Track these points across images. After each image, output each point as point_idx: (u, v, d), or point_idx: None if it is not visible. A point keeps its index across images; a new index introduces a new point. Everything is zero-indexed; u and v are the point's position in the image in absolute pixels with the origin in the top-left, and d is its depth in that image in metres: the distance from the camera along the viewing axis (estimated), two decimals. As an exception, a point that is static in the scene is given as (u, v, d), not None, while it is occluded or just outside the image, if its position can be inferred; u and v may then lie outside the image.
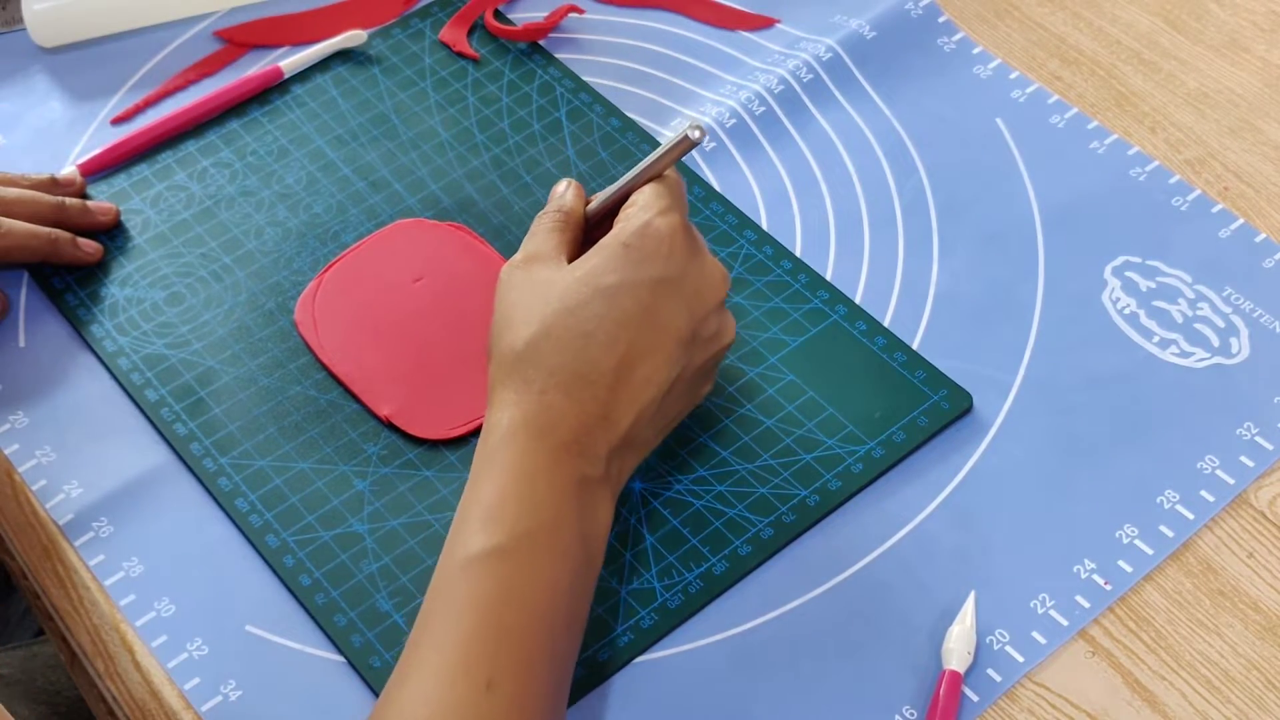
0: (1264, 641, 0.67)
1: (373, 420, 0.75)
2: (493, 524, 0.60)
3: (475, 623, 0.59)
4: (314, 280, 0.79)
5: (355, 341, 0.77)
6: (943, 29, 0.90)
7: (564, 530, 0.61)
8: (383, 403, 0.75)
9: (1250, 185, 0.82)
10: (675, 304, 0.65)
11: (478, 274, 0.79)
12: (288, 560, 0.70)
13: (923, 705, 0.65)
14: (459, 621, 0.59)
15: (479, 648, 0.58)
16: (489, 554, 0.60)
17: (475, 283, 0.79)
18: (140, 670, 0.68)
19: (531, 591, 0.60)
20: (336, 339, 0.77)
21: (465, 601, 0.59)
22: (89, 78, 0.91)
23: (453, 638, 0.58)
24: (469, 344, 0.76)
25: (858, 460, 0.72)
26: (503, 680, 0.58)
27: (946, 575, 0.69)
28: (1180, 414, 0.74)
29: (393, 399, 0.75)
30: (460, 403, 0.74)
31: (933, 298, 0.78)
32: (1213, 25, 0.90)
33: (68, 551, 0.72)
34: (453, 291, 0.78)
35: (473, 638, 0.58)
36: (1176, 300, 0.78)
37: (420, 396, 0.75)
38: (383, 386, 0.75)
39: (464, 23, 0.92)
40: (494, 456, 0.62)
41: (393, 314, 0.78)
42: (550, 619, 0.60)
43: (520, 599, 0.59)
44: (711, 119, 0.86)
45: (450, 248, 0.80)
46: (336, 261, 0.80)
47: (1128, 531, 0.70)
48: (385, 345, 0.77)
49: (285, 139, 0.87)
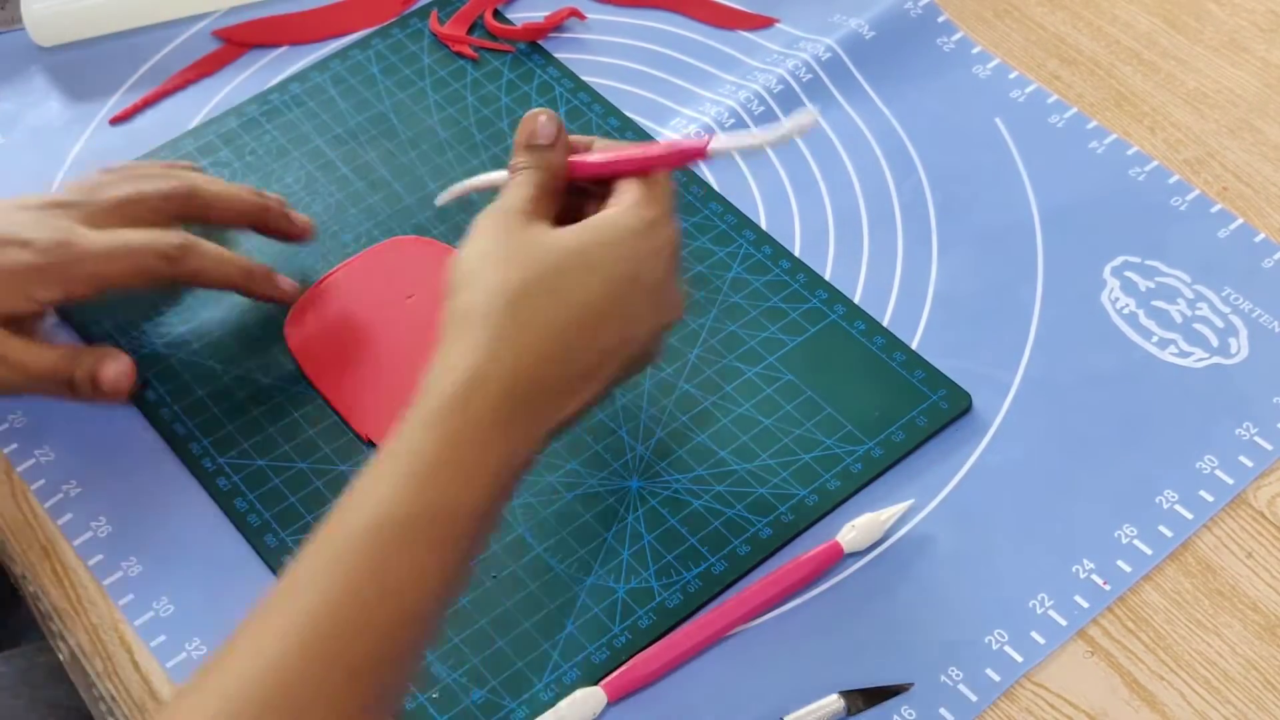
0: (1263, 641, 0.67)
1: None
2: (415, 490, 0.56)
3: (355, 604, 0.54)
4: (304, 295, 0.78)
5: (344, 359, 0.76)
6: (942, 29, 0.90)
7: (486, 515, 0.58)
8: (367, 421, 0.74)
9: (1249, 185, 0.82)
10: (649, 312, 0.64)
11: None
12: (286, 560, 0.70)
13: (922, 706, 0.65)
14: (341, 594, 0.54)
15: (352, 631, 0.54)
16: (401, 523, 0.55)
17: None
18: (139, 670, 0.68)
19: (425, 580, 0.55)
20: (325, 356, 0.76)
21: (351, 575, 0.54)
22: (88, 77, 0.91)
23: (326, 608, 0.54)
24: None
25: (856, 460, 0.72)
26: (367, 671, 0.54)
27: (945, 575, 0.69)
28: (1179, 414, 0.74)
29: (378, 418, 0.74)
30: None
31: (931, 297, 0.78)
32: (1212, 25, 0.90)
33: (66, 551, 0.72)
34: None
35: (348, 618, 0.54)
36: (1175, 300, 0.78)
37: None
38: (370, 404, 0.75)
39: (463, 22, 0.92)
40: (443, 410, 0.57)
41: (383, 332, 0.77)
42: (432, 606, 0.56)
43: (411, 587, 0.55)
44: (711, 119, 0.86)
45: (442, 265, 0.80)
46: (327, 278, 0.79)
47: (1127, 531, 0.70)
48: (374, 363, 0.76)
49: (284, 139, 0.87)
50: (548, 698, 0.65)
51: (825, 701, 0.65)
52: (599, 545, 0.70)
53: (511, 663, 0.67)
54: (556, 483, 0.72)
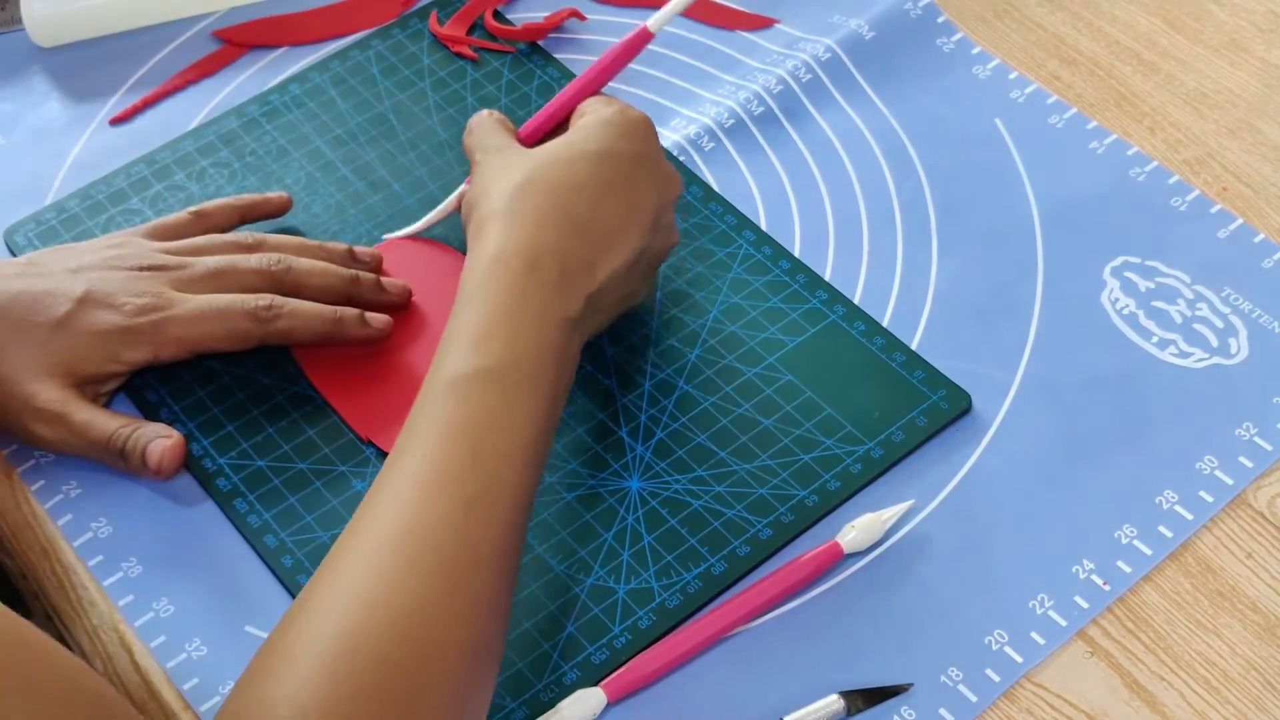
0: (1262, 642, 0.67)
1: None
2: (481, 347, 0.62)
3: (460, 443, 0.60)
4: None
5: (345, 359, 0.76)
6: (942, 29, 0.90)
7: (546, 364, 0.64)
8: (367, 422, 0.74)
9: (1249, 185, 0.82)
10: (649, 182, 0.70)
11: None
12: (286, 560, 0.70)
13: (922, 707, 0.65)
14: (444, 440, 0.60)
15: (462, 467, 0.60)
16: (476, 375, 0.62)
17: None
18: (139, 670, 0.68)
19: (513, 418, 0.62)
20: (325, 357, 0.76)
21: (450, 421, 0.61)
22: (88, 78, 0.91)
23: (436, 454, 0.60)
24: None
25: (856, 460, 0.72)
26: (481, 502, 0.59)
27: (945, 575, 0.69)
28: (1179, 414, 0.74)
29: (378, 419, 0.74)
30: None
31: (931, 298, 0.78)
32: (1212, 25, 0.90)
33: (66, 552, 0.72)
34: (442, 312, 0.78)
35: (456, 457, 0.60)
36: (1175, 300, 0.78)
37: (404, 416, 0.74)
38: (370, 405, 0.75)
39: (463, 23, 0.92)
40: (483, 284, 0.65)
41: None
42: (526, 449, 0.62)
43: (502, 424, 0.61)
44: (710, 119, 0.86)
45: (438, 266, 0.80)
46: None
47: (1126, 532, 0.70)
48: (375, 363, 0.76)
49: (284, 139, 0.87)
50: (548, 698, 0.65)
51: (825, 702, 0.65)
52: (599, 546, 0.70)
53: (511, 663, 0.67)
54: (557, 483, 0.72)
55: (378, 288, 0.77)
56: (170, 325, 0.72)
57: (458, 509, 0.59)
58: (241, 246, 0.76)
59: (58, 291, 0.71)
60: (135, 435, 0.71)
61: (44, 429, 0.71)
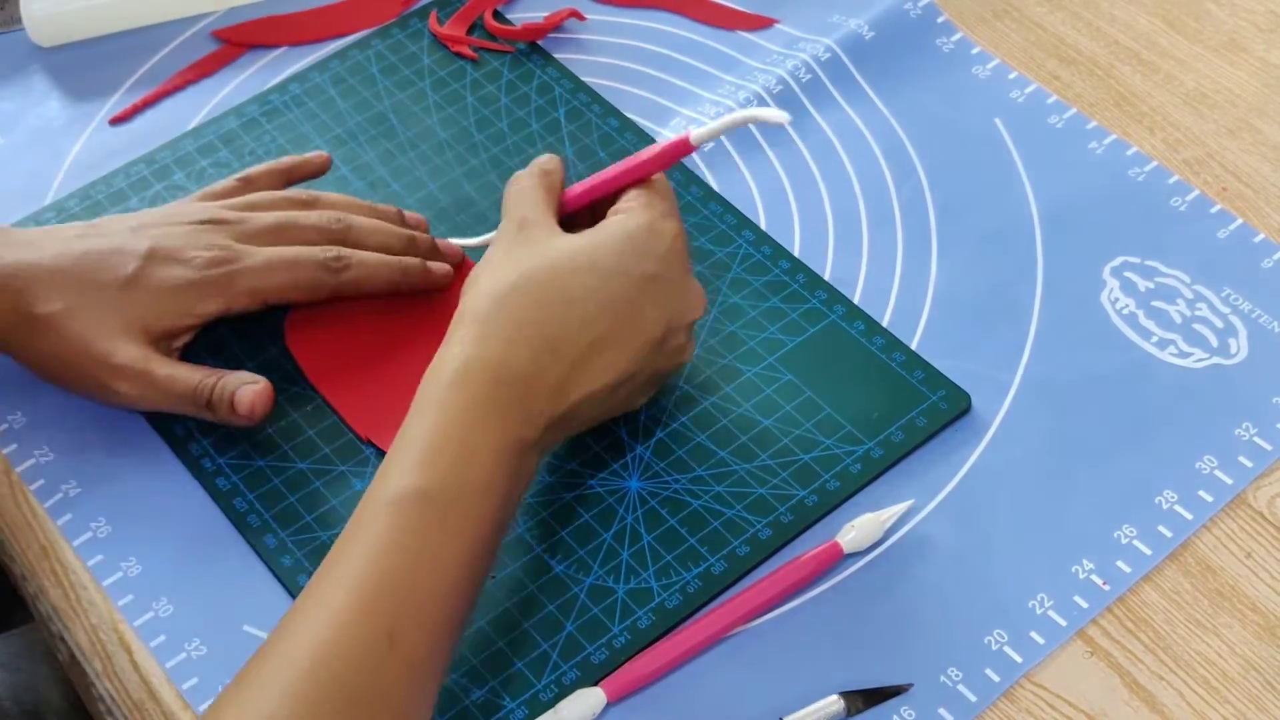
0: (1262, 642, 0.67)
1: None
2: (426, 466, 0.60)
3: (388, 569, 0.58)
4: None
5: (344, 360, 0.76)
6: (941, 29, 0.90)
7: (494, 490, 0.61)
8: (367, 422, 0.74)
9: (1249, 185, 0.82)
10: (659, 306, 0.67)
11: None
12: (285, 560, 0.70)
13: (921, 707, 0.65)
14: (374, 565, 0.58)
15: (387, 598, 0.58)
16: (417, 496, 0.60)
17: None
18: (138, 670, 0.68)
19: (449, 549, 0.60)
20: (325, 357, 0.76)
21: (381, 544, 0.59)
22: (87, 77, 0.91)
23: (361, 581, 0.58)
24: None
25: (856, 460, 0.72)
26: (404, 637, 0.57)
27: (945, 575, 0.69)
28: (1179, 414, 0.74)
29: (377, 419, 0.74)
30: None
31: (931, 297, 0.78)
32: (1211, 25, 0.90)
33: (66, 551, 0.72)
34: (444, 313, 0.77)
35: (382, 585, 0.58)
36: (1175, 300, 0.78)
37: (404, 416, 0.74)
38: (369, 405, 0.75)
39: (463, 23, 0.92)
40: (443, 396, 0.62)
41: (383, 332, 0.77)
42: (460, 581, 0.60)
43: (436, 555, 0.59)
44: (710, 119, 0.86)
45: None
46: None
47: (1126, 532, 0.70)
48: (374, 363, 0.76)
49: (284, 139, 0.87)
50: (547, 698, 0.65)
51: (825, 702, 0.65)
52: (599, 545, 0.70)
53: (511, 663, 0.67)
54: (556, 483, 0.72)
55: (434, 249, 0.77)
56: (241, 277, 0.72)
57: (378, 642, 0.57)
58: (296, 203, 0.77)
59: (124, 249, 0.72)
60: (221, 384, 0.71)
61: (125, 386, 0.71)
